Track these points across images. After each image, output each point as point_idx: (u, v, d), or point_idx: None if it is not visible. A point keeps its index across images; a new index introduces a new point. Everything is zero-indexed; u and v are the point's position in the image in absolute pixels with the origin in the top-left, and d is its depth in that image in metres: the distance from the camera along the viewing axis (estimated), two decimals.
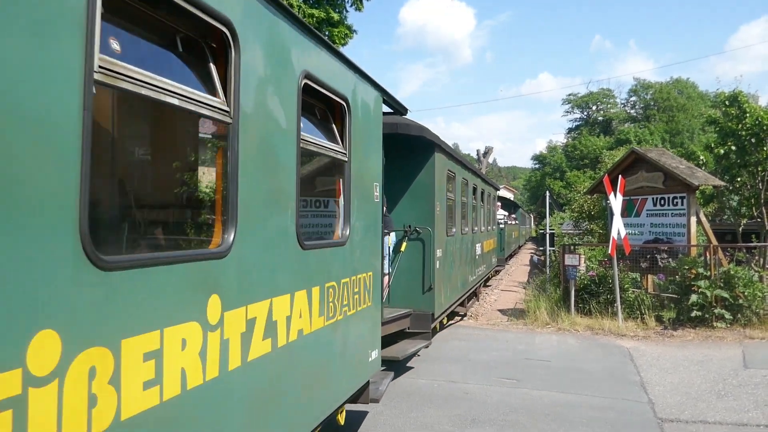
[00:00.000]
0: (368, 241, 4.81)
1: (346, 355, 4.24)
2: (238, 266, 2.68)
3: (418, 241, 8.09)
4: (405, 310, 7.59)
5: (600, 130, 62.36)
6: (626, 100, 66.39)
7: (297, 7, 15.25)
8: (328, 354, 3.90)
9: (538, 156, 71.50)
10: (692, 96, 59.84)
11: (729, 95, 14.43)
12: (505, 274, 22.71)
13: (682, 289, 10.88)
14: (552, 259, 17.37)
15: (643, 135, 52.83)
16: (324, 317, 3.75)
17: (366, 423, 5.81)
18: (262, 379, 2.92)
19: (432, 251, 8.00)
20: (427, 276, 8.02)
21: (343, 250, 4.19)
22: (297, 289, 3.35)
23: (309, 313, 3.51)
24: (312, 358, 3.57)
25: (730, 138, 14.04)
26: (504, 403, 6.52)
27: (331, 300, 3.87)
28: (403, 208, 8.10)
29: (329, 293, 3.86)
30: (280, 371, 3.14)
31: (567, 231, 29.38)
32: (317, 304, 3.64)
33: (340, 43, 16.62)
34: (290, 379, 3.28)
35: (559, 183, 52.16)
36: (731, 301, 10.31)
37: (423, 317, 7.86)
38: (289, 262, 3.29)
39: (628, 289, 11.66)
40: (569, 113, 68.20)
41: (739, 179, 14.36)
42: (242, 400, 2.72)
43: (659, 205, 12.70)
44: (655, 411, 6.28)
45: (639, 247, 12.42)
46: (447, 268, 9.12)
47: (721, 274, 10.59)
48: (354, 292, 4.38)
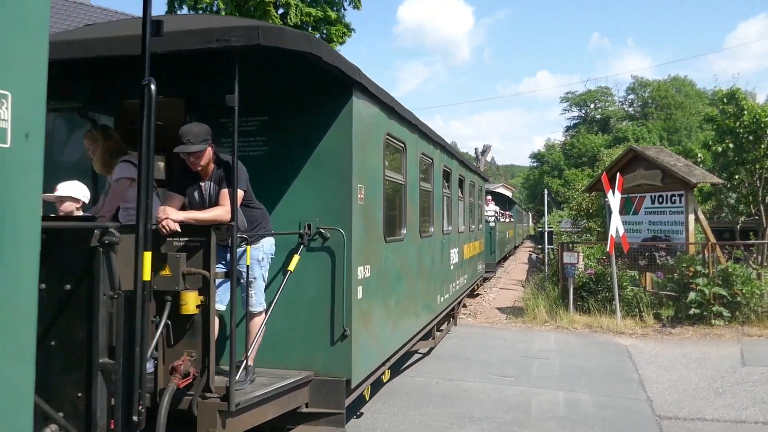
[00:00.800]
0: None
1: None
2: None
3: (324, 253, 4.71)
4: (298, 375, 4.47)
5: (598, 128, 62.44)
6: (624, 98, 66.54)
7: (294, 6, 15.24)
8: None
9: (536, 154, 71.56)
10: (690, 94, 59.99)
11: (726, 93, 14.44)
12: (504, 273, 22.72)
13: (681, 287, 10.89)
14: (550, 257, 17.38)
15: (641, 133, 52.90)
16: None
17: (364, 421, 5.81)
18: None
19: (348, 270, 4.66)
20: (338, 314, 4.64)
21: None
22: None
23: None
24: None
25: (727, 135, 14.05)
26: (502, 401, 6.52)
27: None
28: (298, 195, 4.75)
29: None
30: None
31: (565, 229, 29.45)
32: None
33: (338, 41, 16.60)
34: None
35: (557, 181, 52.27)
36: (729, 299, 10.33)
37: (331, 386, 4.60)
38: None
39: (627, 287, 11.67)
40: (567, 111, 68.34)
41: (736, 177, 14.38)
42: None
43: (657, 203, 12.71)
44: (654, 408, 6.28)
45: (637, 245, 12.43)
46: (385, 295, 5.74)
47: (719, 272, 10.61)
48: None
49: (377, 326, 5.46)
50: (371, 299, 5.23)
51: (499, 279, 20.08)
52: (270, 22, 14.62)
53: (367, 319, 5.14)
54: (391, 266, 5.93)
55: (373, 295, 5.31)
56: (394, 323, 6.05)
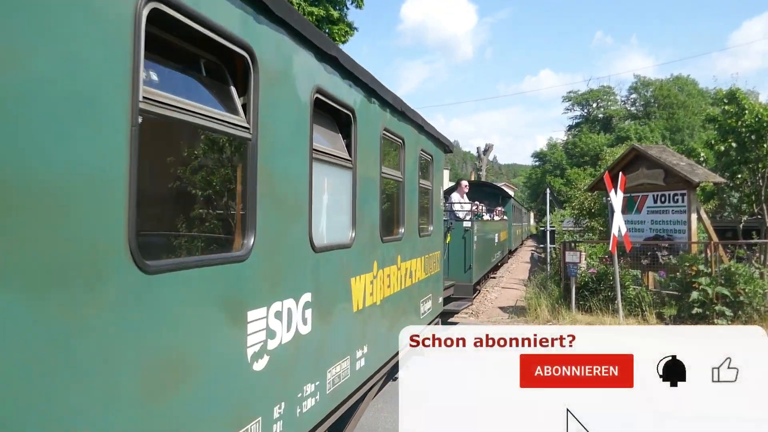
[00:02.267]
0: None
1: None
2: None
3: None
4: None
5: (600, 128, 62.41)
6: (626, 98, 66.46)
7: (297, 5, 15.24)
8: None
9: (538, 153, 71.57)
10: (692, 93, 59.90)
11: (727, 93, 14.44)
12: (506, 272, 22.72)
13: (683, 286, 10.89)
14: (553, 256, 17.38)
15: (644, 132, 52.89)
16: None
17: (366, 422, 5.83)
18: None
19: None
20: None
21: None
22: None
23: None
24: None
25: (730, 135, 14.04)
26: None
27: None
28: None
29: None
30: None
31: (567, 228, 29.43)
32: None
33: (340, 40, 16.61)
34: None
35: (559, 180, 52.23)
36: (732, 298, 10.32)
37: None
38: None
39: (629, 286, 11.67)
40: (570, 110, 68.29)
41: (739, 176, 14.37)
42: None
43: (660, 202, 12.71)
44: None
45: (640, 244, 12.42)
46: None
47: (721, 271, 10.60)
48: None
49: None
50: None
51: (501, 278, 20.09)
52: None
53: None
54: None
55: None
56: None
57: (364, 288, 4.55)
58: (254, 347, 2.76)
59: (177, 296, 2.21)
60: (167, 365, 2.14)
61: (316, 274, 3.57)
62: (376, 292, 4.92)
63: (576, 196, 24.07)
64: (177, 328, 2.21)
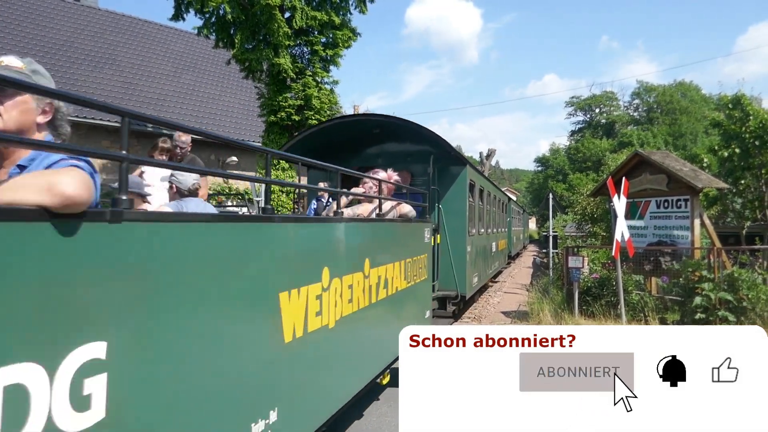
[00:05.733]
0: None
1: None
2: None
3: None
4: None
5: (603, 133, 62.37)
6: (629, 103, 66.45)
7: (300, 10, 15.30)
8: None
9: (540, 158, 71.53)
10: (695, 99, 59.85)
11: (732, 98, 14.44)
12: (508, 277, 22.69)
13: (686, 292, 10.86)
14: (555, 261, 17.35)
15: (646, 138, 52.84)
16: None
17: (371, 424, 5.82)
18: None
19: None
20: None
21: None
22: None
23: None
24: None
25: (733, 140, 14.05)
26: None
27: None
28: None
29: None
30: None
31: (569, 233, 29.38)
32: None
33: (344, 46, 16.66)
34: None
35: (561, 185, 52.16)
36: (735, 304, 10.29)
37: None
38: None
39: (632, 291, 11.65)
40: (572, 116, 68.30)
41: (742, 182, 14.35)
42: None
43: (663, 208, 12.69)
44: None
45: (642, 250, 12.40)
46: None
47: (724, 277, 10.58)
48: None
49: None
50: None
51: (503, 283, 20.06)
52: (275, 25, 14.71)
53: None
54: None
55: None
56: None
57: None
58: None
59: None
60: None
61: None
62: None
63: (578, 201, 24.05)
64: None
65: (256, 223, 2.90)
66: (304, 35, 16.14)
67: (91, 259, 1.68)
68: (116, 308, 1.76)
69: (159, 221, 2.09)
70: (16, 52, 15.86)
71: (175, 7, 15.88)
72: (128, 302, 1.82)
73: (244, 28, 15.19)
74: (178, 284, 2.07)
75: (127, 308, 1.81)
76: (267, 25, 14.87)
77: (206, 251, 2.26)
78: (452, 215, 9.68)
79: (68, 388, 1.57)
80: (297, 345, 3.03)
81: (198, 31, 16.13)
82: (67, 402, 1.56)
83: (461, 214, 9.96)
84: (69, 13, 21.68)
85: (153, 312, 1.93)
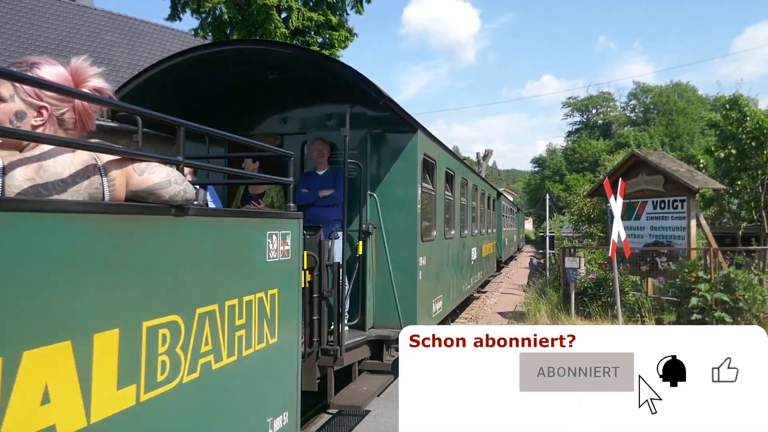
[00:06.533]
0: None
1: None
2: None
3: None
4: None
5: (600, 134, 62.51)
6: (626, 104, 66.62)
7: (297, 10, 15.29)
8: None
9: (537, 159, 71.65)
10: (692, 100, 60.04)
11: (729, 99, 14.47)
12: (505, 277, 22.72)
13: (683, 292, 10.88)
14: (552, 262, 17.38)
15: (643, 138, 52.99)
16: None
17: (367, 425, 5.81)
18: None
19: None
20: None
21: None
22: None
23: None
24: None
25: (730, 141, 14.07)
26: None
27: None
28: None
29: None
30: None
31: (566, 234, 29.43)
32: None
33: (340, 46, 16.64)
34: None
35: (558, 186, 52.26)
36: (731, 305, 10.31)
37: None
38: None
39: (629, 291, 11.67)
40: (569, 116, 68.43)
41: (739, 182, 14.38)
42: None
43: (659, 208, 12.71)
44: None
45: (639, 250, 12.42)
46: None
47: (721, 278, 10.60)
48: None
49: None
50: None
51: (500, 284, 20.08)
52: (272, 26, 14.68)
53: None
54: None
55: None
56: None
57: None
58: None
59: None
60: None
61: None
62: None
63: (575, 201, 24.10)
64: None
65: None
66: (300, 36, 16.12)
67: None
68: None
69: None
70: (11, 52, 15.58)
71: (172, 7, 15.85)
72: None
73: (241, 29, 15.17)
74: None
75: None
76: (264, 26, 14.85)
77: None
78: (394, 210, 6.31)
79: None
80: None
81: (195, 32, 16.10)
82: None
83: (409, 208, 6.36)
84: (64, 12, 21.62)
85: None
